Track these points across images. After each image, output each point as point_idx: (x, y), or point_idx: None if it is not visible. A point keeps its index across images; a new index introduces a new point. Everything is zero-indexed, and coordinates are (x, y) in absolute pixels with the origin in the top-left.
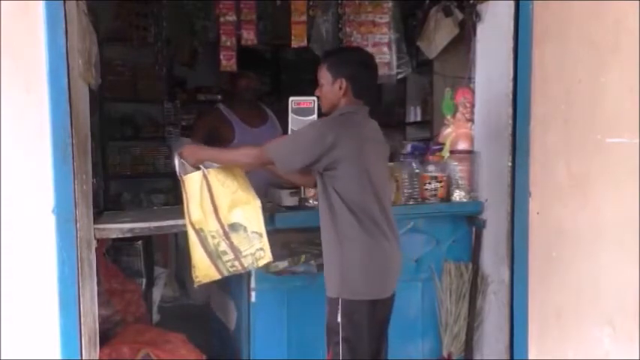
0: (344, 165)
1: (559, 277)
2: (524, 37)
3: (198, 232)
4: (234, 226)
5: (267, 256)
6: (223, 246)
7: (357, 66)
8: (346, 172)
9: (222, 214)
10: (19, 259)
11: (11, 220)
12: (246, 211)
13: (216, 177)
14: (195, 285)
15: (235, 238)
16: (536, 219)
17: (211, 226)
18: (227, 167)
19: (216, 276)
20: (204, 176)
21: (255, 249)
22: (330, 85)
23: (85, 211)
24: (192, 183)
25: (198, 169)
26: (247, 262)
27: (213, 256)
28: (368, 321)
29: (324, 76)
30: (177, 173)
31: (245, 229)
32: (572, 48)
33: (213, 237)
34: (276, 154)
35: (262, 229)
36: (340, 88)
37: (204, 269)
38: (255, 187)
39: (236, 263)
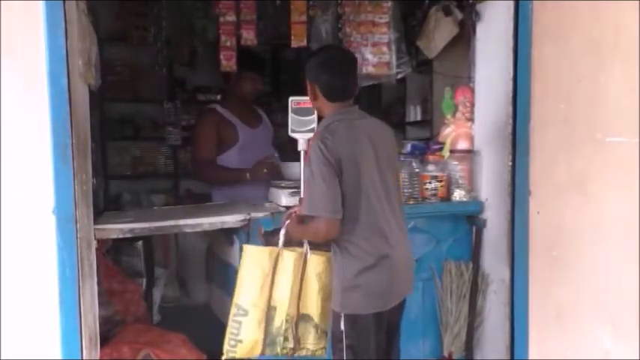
0: (345, 177)
1: (559, 277)
2: (523, 36)
3: (270, 309)
4: (304, 317)
5: (325, 354)
6: (289, 333)
7: (318, 68)
8: (347, 184)
9: (304, 302)
10: (20, 259)
11: (11, 221)
12: (324, 309)
13: (314, 263)
14: (223, 359)
15: (302, 328)
16: (536, 218)
17: (291, 310)
18: (326, 259)
19: (257, 355)
20: (305, 258)
21: (319, 347)
22: (309, 91)
23: (85, 212)
24: (293, 261)
25: (300, 245)
26: (300, 353)
27: (270, 337)
28: (372, 330)
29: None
30: (280, 245)
31: (316, 326)
32: (572, 47)
33: (286, 321)
34: (328, 211)
35: (328, 328)
36: (313, 93)
37: (250, 347)
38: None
39: (290, 352)
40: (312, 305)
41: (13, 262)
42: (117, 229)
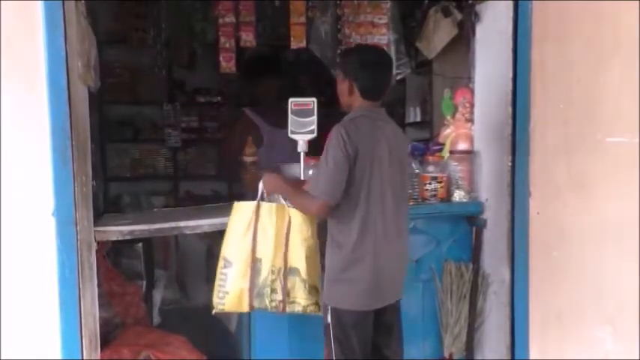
0: (357, 171)
1: (559, 277)
2: (523, 37)
3: (255, 261)
4: (293, 271)
5: (319, 310)
6: (277, 285)
7: (359, 66)
8: (357, 178)
9: (290, 254)
10: (20, 261)
11: (11, 223)
12: (309, 263)
13: (297, 216)
14: (214, 312)
15: (290, 281)
16: (536, 219)
17: (277, 262)
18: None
19: (245, 309)
20: (288, 212)
21: (310, 302)
22: (341, 84)
23: (85, 214)
24: (273, 213)
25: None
26: (292, 308)
27: (257, 289)
28: (355, 327)
29: (338, 74)
30: (257, 198)
31: (304, 281)
32: (572, 47)
33: (272, 272)
34: (325, 193)
35: (319, 284)
36: (347, 88)
37: (237, 299)
38: None
39: (280, 305)
40: (298, 258)
41: (14, 264)
42: (117, 231)
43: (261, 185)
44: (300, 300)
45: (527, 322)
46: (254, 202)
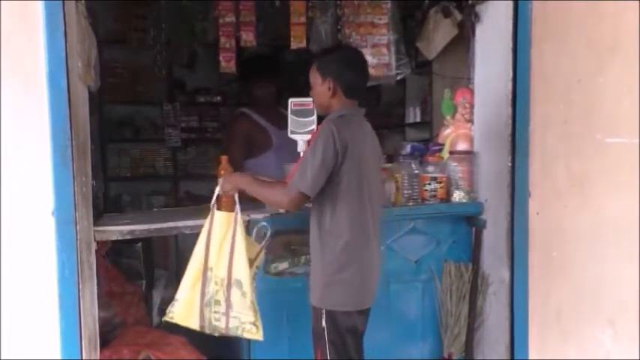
0: (346, 169)
1: (559, 277)
2: (523, 37)
3: (207, 270)
4: (237, 283)
5: (258, 334)
6: (220, 296)
7: (343, 65)
8: (346, 176)
9: (234, 266)
10: (20, 261)
11: (11, 223)
12: (252, 277)
13: (242, 223)
14: (163, 320)
15: (234, 294)
16: (536, 219)
17: (221, 272)
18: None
19: (193, 325)
20: (235, 220)
21: (248, 321)
22: (320, 85)
23: (84, 213)
24: (221, 221)
25: (232, 210)
26: (233, 324)
27: (205, 300)
28: (351, 327)
29: (314, 76)
30: (212, 204)
31: (245, 294)
32: (571, 48)
33: (216, 283)
34: (304, 185)
35: (256, 303)
36: (329, 88)
37: (186, 310)
38: None
39: (222, 319)
40: (241, 270)
41: (14, 263)
42: (116, 230)
43: (217, 189)
44: (240, 315)
45: (527, 322)
46: (210, 210)
